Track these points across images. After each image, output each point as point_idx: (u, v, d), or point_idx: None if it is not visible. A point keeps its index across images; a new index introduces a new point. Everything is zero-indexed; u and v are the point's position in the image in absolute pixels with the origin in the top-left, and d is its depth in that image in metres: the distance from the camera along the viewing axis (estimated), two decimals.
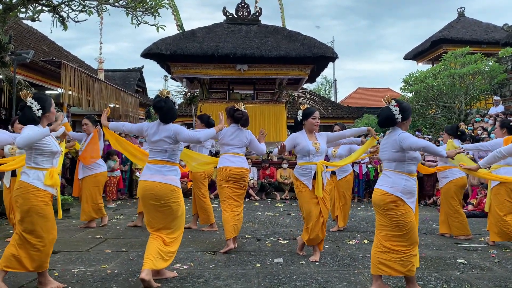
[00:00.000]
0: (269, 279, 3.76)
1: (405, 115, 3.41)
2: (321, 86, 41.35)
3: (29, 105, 3.37)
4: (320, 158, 4.43)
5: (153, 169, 3.64)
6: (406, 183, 3.33)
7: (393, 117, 3.38)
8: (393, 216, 3.33)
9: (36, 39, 13.31)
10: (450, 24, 21.51)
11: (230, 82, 12.61)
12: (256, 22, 12.51)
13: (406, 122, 3.46)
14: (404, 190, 3.32)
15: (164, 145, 3.64)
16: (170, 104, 3.68)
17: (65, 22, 7.78)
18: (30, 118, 3.36)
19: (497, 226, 5.12)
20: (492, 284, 3.72)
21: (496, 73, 14.64)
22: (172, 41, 11.28)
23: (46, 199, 3.39)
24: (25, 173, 3.36)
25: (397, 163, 3.38)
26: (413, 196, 3.39)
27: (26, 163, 3.41)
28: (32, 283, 3.61)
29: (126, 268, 4.05)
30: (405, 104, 3.49)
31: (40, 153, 3.37)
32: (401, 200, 3.32)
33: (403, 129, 3.45)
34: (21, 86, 7.76)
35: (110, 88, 11.56)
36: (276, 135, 12.11)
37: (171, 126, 3.68)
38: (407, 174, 3.37)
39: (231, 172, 4.81)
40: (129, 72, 22.02)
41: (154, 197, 3.57)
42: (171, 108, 3.69)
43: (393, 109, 3.39)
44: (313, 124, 4.48)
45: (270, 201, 9.97)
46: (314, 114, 4.49)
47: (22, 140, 3.20)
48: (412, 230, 3.33)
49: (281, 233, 5.95)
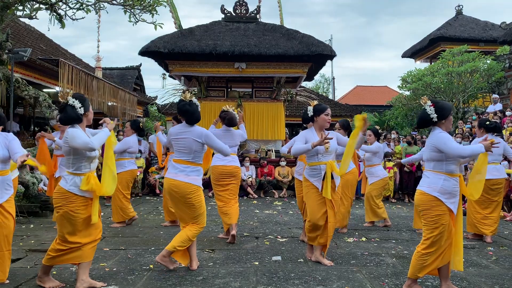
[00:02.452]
0: (267, 277, 3.77)
1: (442, 114, 3.35)
2: (319, 84, 41.43)
3: (71, 103, 3.36)
4: (330, 157, 4.21)
5: (178, 168, 3.86)
6: (444, 183, 3.29)
7: (429, 117, 3.37)
8: (427, 215, 3.33)
9: (33, 37, 13.27)
10: (448, 22, 21.55)
11: (228, 80, 12.59)
12: (254, 20, 12.49)
13: (445, 121, 3.39)
14: (442, 190, 3.28)
15: (191, 146, 3.83)
16: (194, 107, 3.89)
17: (62, 20, 7.75)
18: (74, 116, 3.35)
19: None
20: (490, 281, 3.74)
21: (494, 71, 14.67)
22: (170, 39, 11.25)
23: (81, 205, 3.38)
24: (64, 179, 3.41)
25: (435, 162, 3.36)
26: (453, 197, 3.33)
27: (66, 168, 3.44)
28: (30, 281, 3.61)
29: (124, 266, 4.06)
30: (442, 103, 3.45)
31: (80, 159, 3.37)
32: (439, 200, 3.29)
33: (443, 128, 3.39)
34: (18, 84, 7.74)
35: (108, 86, 11.52)
36: (274, 133, 12.11)
37: (200, 129, 3.90)
38: (446, 174, 3.32)
39: (222, 170, 5.19)
40: (127, 70, 21.97)
41: (178, 194, 3.83)
42: (195, 110, 3.89)
43: (428, 109, 3.38)
44: (325, 121, 4.27)
45: (268, 199, 9.98)
46: (327, 110, 4.30)
47: (99, 144, 3.35)
48: (441, 234, 3.28)
49: (280, 231, 5.96)
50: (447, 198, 3.29)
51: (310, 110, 4.35)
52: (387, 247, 5.00)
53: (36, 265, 4.07)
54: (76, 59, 15.11)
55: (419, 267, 3.34)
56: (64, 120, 3.40)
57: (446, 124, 3.41)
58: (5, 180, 3.51)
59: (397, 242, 5.32)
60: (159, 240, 5.19)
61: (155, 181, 10.30)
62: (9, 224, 3.46)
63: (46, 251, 3.49)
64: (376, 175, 6.27)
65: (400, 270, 4.05)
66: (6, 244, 3.46)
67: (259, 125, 12.11)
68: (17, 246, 4.81)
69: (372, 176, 6.31)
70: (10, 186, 3.57)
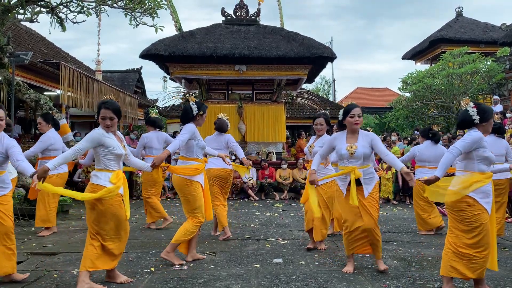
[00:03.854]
0: (268, 280, 3.77)
1: (484, 117, 3.39)
2: (319, 86, 41.39)
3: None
4: (357, 163, 3.92)
5: None
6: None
7: (470, 119, 3.40)
8: (465, 217, 3.32)
9: (34, 41, 13.30)
10: (448, 23, 21.56)
11: (229, 82, 12.60)
12: (254, 22, 12.51)
13: (485, 124, 3.43)
14: (477, 190, 3.31)
15: None
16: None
17: (63, 23, 7.77)
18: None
19: None
20: (491, 283, 3.72)
21: (494, 73, 14.66)
22: (170, 42, 11.27)
23: (119, 200, 3.55)
24: (96, 176, 3.51)
25: (466, 162, 3.39)
26: (487, 196, 3.35)
27: (96, 165, 3.56)
28: (31, 284, 3.60)
29: (125, 269, 4.05)
30: (484, 106, 3.49)
31: (107, 156, 3.51)
32: (474, 199, 3.30)
33: (482, 130, 3.42)
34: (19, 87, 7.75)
35: (109, 89, 11.54)
36: (275, 136, 12.12)
37: None
38: (479, 173, 3.35)
39: (215, 173, 5.45)
40: (127, 73, 22.00)
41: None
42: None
43: (471, 110, 3.41)
44: (351, 124, 3.97)
45: (269, 201, 9.97)
46: (353, 111, 3.95)
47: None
48: (484, 232, 3.30)
49: (281, 233, 5.96)
50: (482, 198, 3.33)
51: (340, 112, 4.14)
52: (388, 249, 4.99)
53: (37, 268, 4.07)
54: (77, 62, 15.14)
55: (477, 268, 3.33)
56: None
57: (486, 127, 3.45)
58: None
59: (398, 244, 5.31)
60: (160, 243, 5.18)
61: None
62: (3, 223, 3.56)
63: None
64: None
65: (402, 272, 4.04)
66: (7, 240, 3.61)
67: (260, 127, 12.11)
68: (18, 249, 4.78)
69: None
70: (7, 184, 3.69)
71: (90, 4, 7.83)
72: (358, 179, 3.92)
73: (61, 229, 6.09)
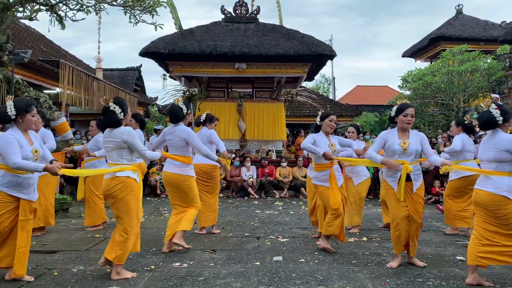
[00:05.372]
0: (268, 277, 3.77)
1: (506, 117, 3.55)
2: (319, 84, 41.34)
3: (112, 109, 3.74)
4: (409, 159, 4.06)
5: (170, 163, 4.84)
6: (510, 182, 3.46)
7: (494, 120, 3.55)
8: (501, 215, 3.47)
9: (34, 39, 13.28)
10: (448, 21, 21.53)
11: (229, 80, 12.59)
12: (254, 20, 12.49)
13: (507, 124, 3.59)
14: (510, 189, 3.45)
15: (180, 142, 4.86)
16: (176, 108, 4.79)
17: (63, 21, 7.75)
18: (115, 121, 3.75)
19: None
20: (491, 280, 3.73)
21: (494, 71, 14.64)
22: (170, 39, 11.25)
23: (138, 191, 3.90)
24: (123, 171, 3.75)
25: (497, 163, 3.51)
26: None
27: (119, 160, 3.78)
28: (33, 282, 3.61)
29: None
30: (505, 107, 3.65)
31: (132, 151, 3.85)
32: (508, 199, 3.45)
33: (504, 131, 3.59)
34: (19, 85, 7.74)
35: (109, 87, 11.53)
36: (275, 134, 12.12)
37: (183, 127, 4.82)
38: (510, 173, 3.48)
39: (198, 169, 5.43)
40: (127, 71, 21.98)
41: (171, 185, 4.89)
42: (177, 110, 4.80)
43: (494, 112, 3.56)
44: (403, 122, 4.11)
45: (269, 199, 9.98)
46: (406, 111, 4.10)
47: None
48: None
49: (281, 231, 5.96)
50: None
51: (393, 110, 4.28)
52: (388, 247, 5.00)
53: (38, 266, 4.08)
54: (77, 60, 15.12)
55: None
56: (106, 124, 3.82)
57: (507, 126, 3.62)
58: None
59: None
60: (160, 241, 5.18)
61: (155, 182, 10.31)
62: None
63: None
64: (362, 174, 5.96)
65: (402, 270, 4.04)
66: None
67: (260, 125, 12.11)
68: None
69: (359, 175, 5.94)
70: None
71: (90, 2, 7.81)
72: (408, 175, 4.05)
73: (61, 227, 6.10)
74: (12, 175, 3.50)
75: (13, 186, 3.53)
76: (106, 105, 3.76)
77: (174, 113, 4.79)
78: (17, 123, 3.59)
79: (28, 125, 3.65)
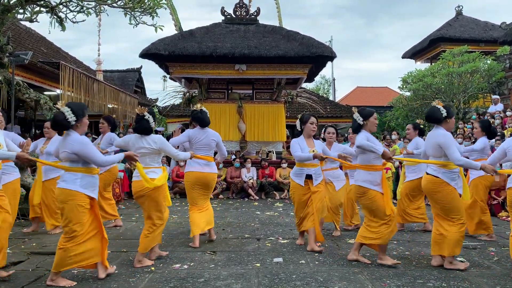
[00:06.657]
0: (269, 279, 3.77)
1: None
2: (319, 86, 41.37)
3: (146, 118, 4.18)
4: None
5: (202, 163, 5.04)
6: None
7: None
8: None
9: (34, 40, 13.30)
10: (448, 22, 21.55)
11: (229, 82, 12.60)
12: (254, 21, 12.50)
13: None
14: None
15: (213, 144, 5.15)
16: (205, 114, 5.19)
17: (63, 23, 7.78)
18: (148, 128, 4.19)
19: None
20: (491, 282, 3.73)
21: (494, 72, 14.66)
22: (170, 41, 11.26)
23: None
24: (155, 173, 4.16)
25: None
26: None
27: (151, 164, 4.20)
28: (32, 284, 3.61)
29: (126, 268, 4.06)
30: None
31: (161, 155, 4.35)
32: None
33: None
34: (19, 87, 7.76)
35: (109, 89, 11.54)
36: (275, 135, 12.12)
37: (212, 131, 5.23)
38: None
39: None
40: (127, 73, 22.01)
41: (203, 183, 5.05)
42: (206, 116, 5.20)
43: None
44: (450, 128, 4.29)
45: (269, 200, 9.97)
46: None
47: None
48: None
49: (281, 232, 5.96)
50: None
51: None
52: (389, 248, 4.99)
53: (38, 268, 4.08)
54: (77, 62, 15.14)
55: None
56: (138, 130, 4.20)
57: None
58: None
59: (399, 243, 5.32)
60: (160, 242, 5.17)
61: None
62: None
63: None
64: (342, 178, 5.84)
65: (402, 271, 4.04)
66: None
67: (260, 126, 12.11)
68: (18, 248, 4.82)
69: (339, 180, 5.80)
70: None
71: (90, 4, 7.84)
72: None
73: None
74: None
75: None
76: (141, 114, 4.16)
77: (204, 119, 5.21)
78: (75, 128, 3.62)
79: (85, 129, 3.78)
